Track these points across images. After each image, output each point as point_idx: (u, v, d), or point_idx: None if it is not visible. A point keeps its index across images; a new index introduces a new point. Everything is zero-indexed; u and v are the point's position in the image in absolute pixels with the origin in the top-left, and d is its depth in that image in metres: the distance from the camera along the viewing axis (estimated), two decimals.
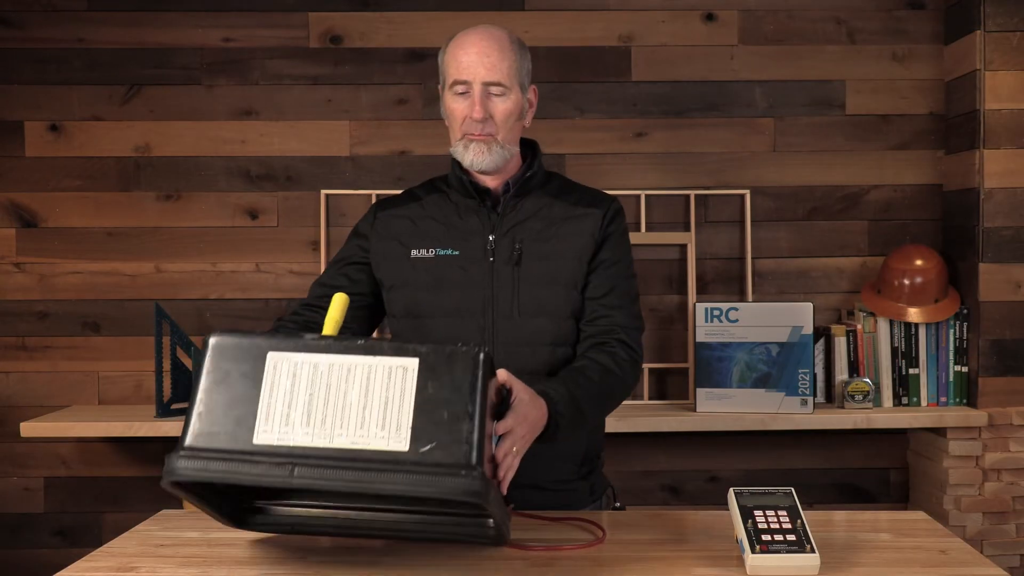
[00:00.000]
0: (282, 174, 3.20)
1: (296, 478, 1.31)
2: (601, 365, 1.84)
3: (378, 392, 1.37)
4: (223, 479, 1.34)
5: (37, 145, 3.18)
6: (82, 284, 3.19)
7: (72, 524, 3.22)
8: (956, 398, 3.08)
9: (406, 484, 1.30)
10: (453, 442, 1.33)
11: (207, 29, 3.18)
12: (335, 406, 1.36)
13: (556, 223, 1.93)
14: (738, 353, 3.00)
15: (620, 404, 1.92)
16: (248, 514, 1.57)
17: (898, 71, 3.23)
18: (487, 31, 1.90)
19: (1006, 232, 3.01)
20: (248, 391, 1.37)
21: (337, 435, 1.34)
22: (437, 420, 1.34)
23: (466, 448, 1.32)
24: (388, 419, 1.35)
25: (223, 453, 1.34)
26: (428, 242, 1.92)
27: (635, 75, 3.22)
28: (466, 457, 1.32)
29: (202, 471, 1.33)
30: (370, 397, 1.36)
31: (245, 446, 1.34)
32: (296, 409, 1.36)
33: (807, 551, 1.43)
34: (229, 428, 1.35)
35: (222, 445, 1.35)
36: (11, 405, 3.19)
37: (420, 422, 1.34)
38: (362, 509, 1.56)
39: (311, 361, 1.39)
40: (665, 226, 3.21)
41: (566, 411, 1.71)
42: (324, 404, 1.36)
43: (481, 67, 1.86)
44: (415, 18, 3.19)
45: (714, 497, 3.22)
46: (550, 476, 1.86)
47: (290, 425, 1.35)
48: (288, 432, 1.35)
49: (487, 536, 1.51)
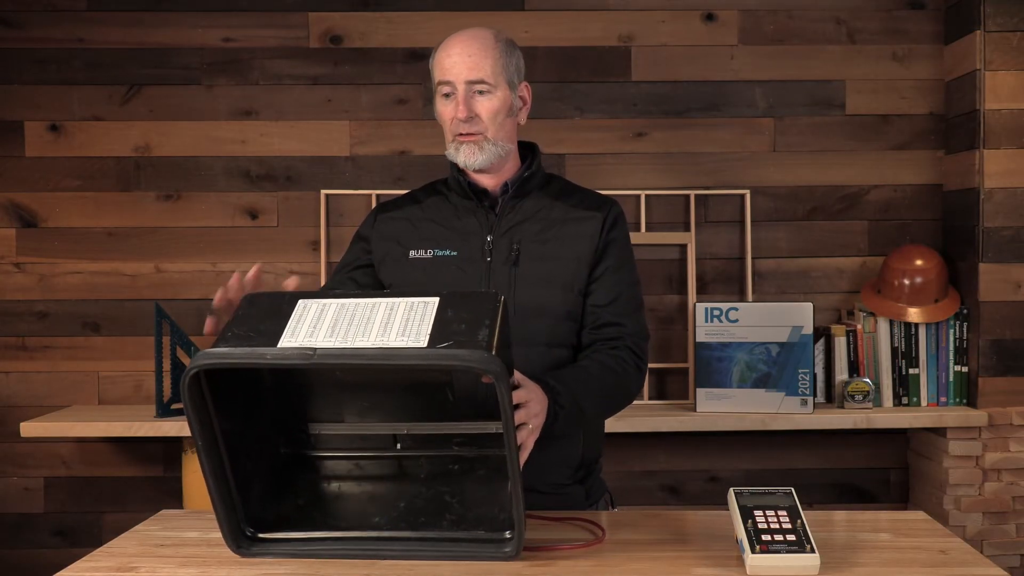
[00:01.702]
0: (282, 174, 3.20)
1: (317, 358, 1.36)
2: (605, 365, 1.84)
3: (400, 315, 1.43)
4: (244, 361, 1.38)
5: (37, 145, 3.18)
6: (82, 284, 3.19)
7: (72, 524, 3.22)
8: (956, 398, 3.08)
9: (425, 358, 1.35)
10: (470, 341, 1.38)
11: (207, 29, 3.18)
12: (359, 324, 1.42)
13: (555, 225, 1.92)
14: (738, 353, 3.00)
15: (622, 408, 1.91)
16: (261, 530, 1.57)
17: (898, 71, 3.23)
18: (470, 31, 1.91)
19: (1006, 232, 3.01)
20: (277, 325, 1.43)
21: (360, 341, 1.39)
22: (455, 330, 1.40)
23: (484, 342, 1.37)
24: (409, 329, 1.40)
25: (247, 345, 1.40)
26: (426, 243, 1.93)
27: (635, 75, 3.22)
28: (484, 346, 1.36)
29: (225, 356, 1.38)
30: (392, 318, 1.43)
31: (270, 346, 1.40)
32: (321, 327, 1.42)
33: (807, 551, 1.43)
34: (256, 342, 1.41)
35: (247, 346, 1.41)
36: (11, 405, 3.19)
37: (438, 330, 1.40)
38: (381, 453, 1.61)
39: (339, 302, 1.48)
40: (665, 226, 3.21)
41: (566, 403, 1.72)
42: (348, 323, 1.43)
43: (463, 67, 1.86)
44: (415, 18, 3.19)
45: (714, 497, 3.22)
46: (546, 480, 1.86)
47: (314, 336, 1.41)
48: (311, 340, 1.40)
49: (502, 553, 1.50)
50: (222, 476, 1.48)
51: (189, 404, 1.40)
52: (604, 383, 1.83)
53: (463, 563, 1.50)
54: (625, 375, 1.87)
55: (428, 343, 1.37)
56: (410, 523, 1.54)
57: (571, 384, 1.76)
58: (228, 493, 1.50)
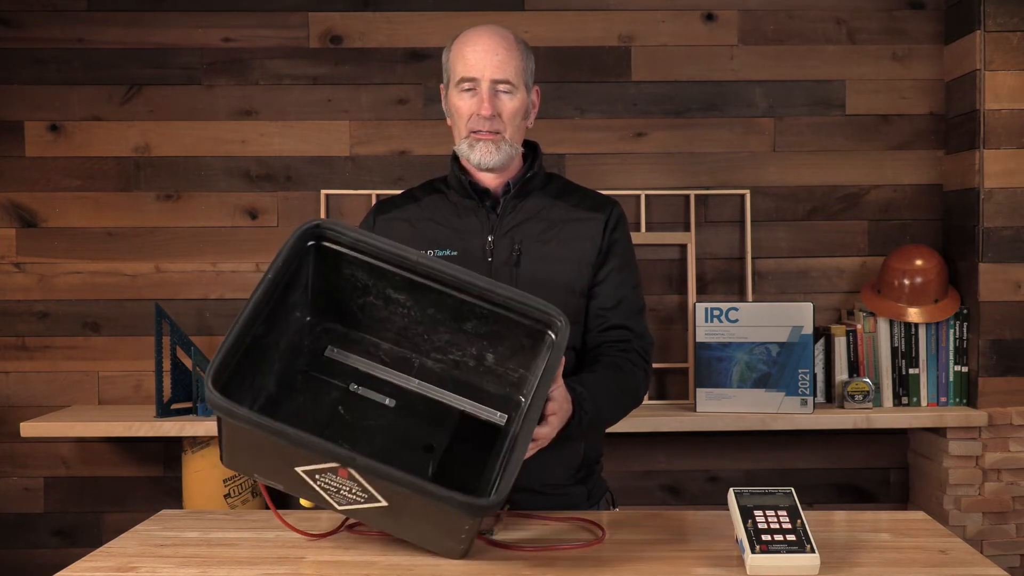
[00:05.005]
0: (282, 174, 3.20)
1: (421, 262, 1.60)
2: (622, 370, 1.86)
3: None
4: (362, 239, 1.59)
5: (37, 145, 3.18)
6: (82, 284, 3.19)
7: (72, 524, 3.22)
8: (956, 398, 3.08)
9: (509, 295, 1.60)
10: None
11: (207, 29, 3.18)
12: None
13: (556, 225, 1.92)
14: (738, 353, 3.00)
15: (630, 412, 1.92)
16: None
17: (898, 71, 3.23)
18: (494, 29, 1.90)
19: (1006, 232, 3.01)
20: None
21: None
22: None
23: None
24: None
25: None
26: (427, 244, 1.92)
27: (635, 75, 3.22)
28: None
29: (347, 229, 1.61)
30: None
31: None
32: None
33: (807, 551, 1.43)
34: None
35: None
36: (11, 405, 3.19)
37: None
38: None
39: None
40: (665, 226, 3.21)
41: (590, 409, 1.75)
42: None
43: (489, 64, 1.86)
44: (415, 18, 3.19)
45: (714, 497, 3.22)
46: (546, 480, 1.86)
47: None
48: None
49: (476, 504, 1.40)
50: (247, 332, 1.50)
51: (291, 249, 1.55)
52: (620, 388, 1.85)
53: (461, 561, 1.51)
54: (635, 379, 1.88)
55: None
56: (387, 459, 1.43)
57: (594, 390, 1.78)
58: (239, 346, 1.49)
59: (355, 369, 1.69)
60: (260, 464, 1.53)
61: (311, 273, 1.62)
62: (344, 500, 1.47)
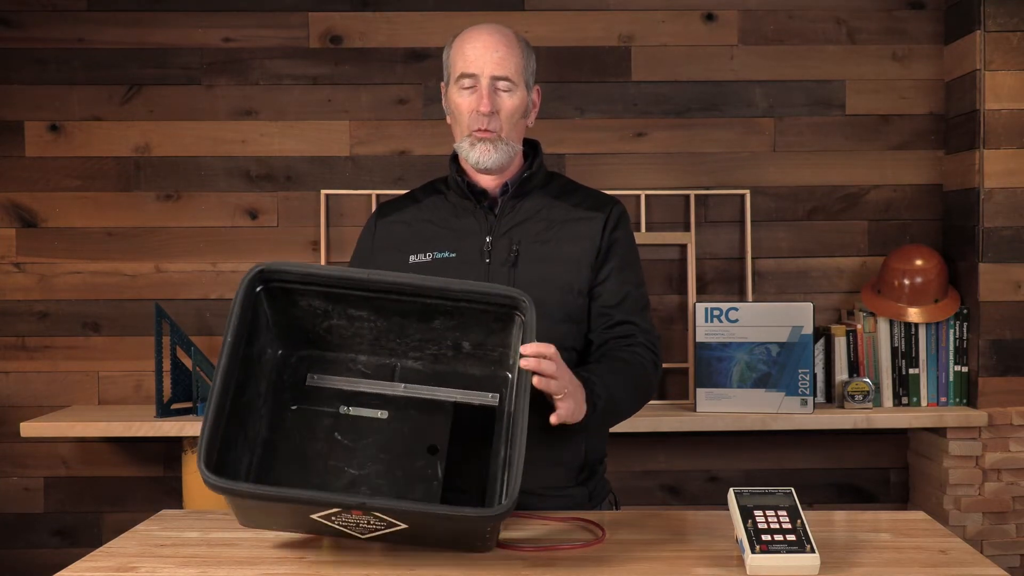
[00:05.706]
0: (282, 174, 3.20)
1: (373, 278, 1.58)
2: (629, 362, 1.85)
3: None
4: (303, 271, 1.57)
5: (37, 145, 3.18)
6: (82, 284, 3.19)
7: (72, 524, 3.22)
8: (956, 398, 3.08)
9: (468, 288, 1.57)
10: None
11: (207, 29, 3.18)
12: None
13: (556, 225, 1.92)
14: (738, 353, 3.00)
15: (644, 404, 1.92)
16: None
17: (898, 71, 3.23)
18: (495, 27, 1.90)
19: (1006, 232, 3.01)
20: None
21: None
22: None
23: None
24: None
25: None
26: (425, 246, 1.92)
27: (635, 75, 3.22)
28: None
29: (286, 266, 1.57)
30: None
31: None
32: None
33: (807, 551, 1.43)
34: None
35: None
36: (11, 405, 3.19)
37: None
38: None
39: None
40: (665, 226, 3.21)
41: (603, 394, 1.75)
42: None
43: (490, 61, 1.85)
44: (415, 18, 3.19)
45: (714, 497, 3.22)
46: (547, 483, 1.85)
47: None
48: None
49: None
50: (224, 400, 1.49)
51: (241, 304, 1.53)
52: (630, 375, 1.84)
53: (463, 563, 1.51)
54: (645, 371, 1.87)
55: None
56: (396, 476, 1.54)
57: (602, 375, 1.77)
58: (220, 419, 1.49)
59: (340, 390, 1.68)
60: (276, 520, 1.55)
61: (268, 313, 1.61)
62: (366, 531, 1.49)
